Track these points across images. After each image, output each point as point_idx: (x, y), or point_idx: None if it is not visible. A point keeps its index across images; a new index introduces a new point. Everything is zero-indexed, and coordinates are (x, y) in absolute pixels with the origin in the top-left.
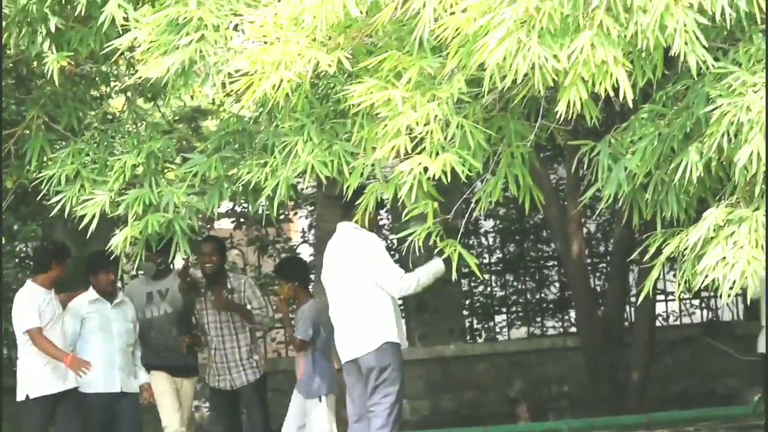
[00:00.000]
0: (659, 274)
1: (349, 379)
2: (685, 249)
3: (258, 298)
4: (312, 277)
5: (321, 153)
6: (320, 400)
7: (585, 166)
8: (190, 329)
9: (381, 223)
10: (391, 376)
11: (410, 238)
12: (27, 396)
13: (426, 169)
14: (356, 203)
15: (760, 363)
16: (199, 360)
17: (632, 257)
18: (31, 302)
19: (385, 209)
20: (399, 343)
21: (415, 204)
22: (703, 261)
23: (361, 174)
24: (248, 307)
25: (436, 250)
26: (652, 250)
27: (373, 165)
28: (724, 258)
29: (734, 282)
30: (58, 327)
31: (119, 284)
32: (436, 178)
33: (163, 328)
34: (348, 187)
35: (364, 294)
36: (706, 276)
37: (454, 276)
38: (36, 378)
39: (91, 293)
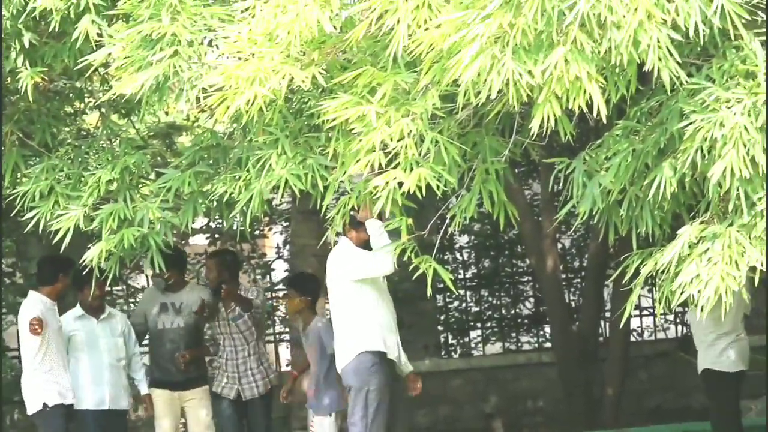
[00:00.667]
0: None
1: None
2: (662, 268)
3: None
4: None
5: (295, 167)
6: (330, 416)
7: (560, 183)
8: (200, 342)
9: None
10: (367, 395)
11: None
12: (45, 404)
13: (400, 185)
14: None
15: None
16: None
17: (609, 277)
18: (35, 306)
19: None
20: (380, 352)
21: (390, 220)
22: (678, 278)
23: (335, 189)
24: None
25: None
26: (630, 272)
27: (344, 179)
28: (698, 275)
29: (708, 298)
30: (60, 339)
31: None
32: (411, 193)
33: (173, 341)
34: (321, 201)
35: (344, 304)
36: (682, 293)
37: (429, 291)
38: (49, 388)
39: (76, 309)
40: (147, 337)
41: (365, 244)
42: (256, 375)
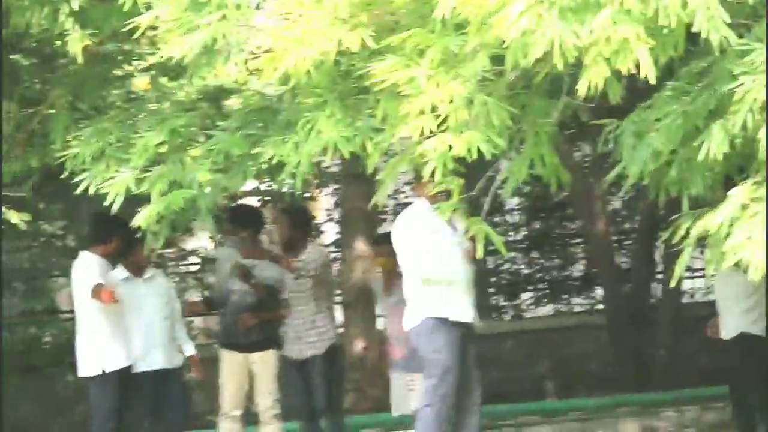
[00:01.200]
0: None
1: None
2: (713, 229)
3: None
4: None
5: (343, 129)
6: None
7: (609, 145)
8: (273, 305)
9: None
10: (430, 359)
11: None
12: (103, 370)
13: (450, 148)
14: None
15: None
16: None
17: (660, 238)
18: (93, 265)
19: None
20: (446, 318)
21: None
22: (729, 240)
23: (382, 150)
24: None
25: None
26: (681, 232)
27: (392, 141)
28: (750, 237)
29: (760, 260)
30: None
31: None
32: (461, 156)
33: (241, 303)
34: (369, 164)
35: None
36: (734, 254)
37: (479, 253)
38: (108, 352)
39: (120, 271)
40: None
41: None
42: (313, 335)
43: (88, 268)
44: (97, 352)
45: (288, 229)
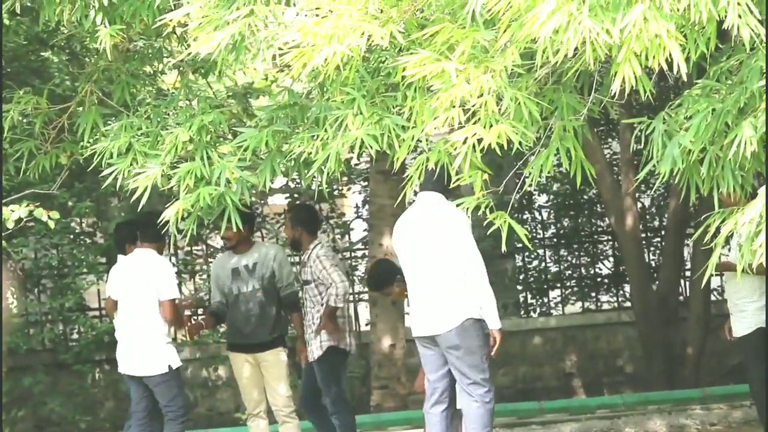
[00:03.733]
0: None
1: (427, 354)
2: (743, 226)
3: (322, 272)
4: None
5: (371, 126)
6: None
7: (640, 142)
8: (279, 304)
9: None
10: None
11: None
12: (170, 367)
13: (480, 140)
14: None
15: None
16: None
17: (691, 235)
18: (171, 273)
19: None
20: (480, 320)
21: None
22: (759, 237)
23: (410, 147)
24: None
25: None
26: (711, 231)
27: (421, 137)
28: None
29: None
30: None
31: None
32: (491, 148)
33: (249, 304)
34: (397, 160)
35: (446, 267)
36: (764, 252)
37: (503, 247)
38: (172, 350)
39: None
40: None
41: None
42: (314, 339)
43: (166, 274)
44: (165, 350)
45: (291, 228)
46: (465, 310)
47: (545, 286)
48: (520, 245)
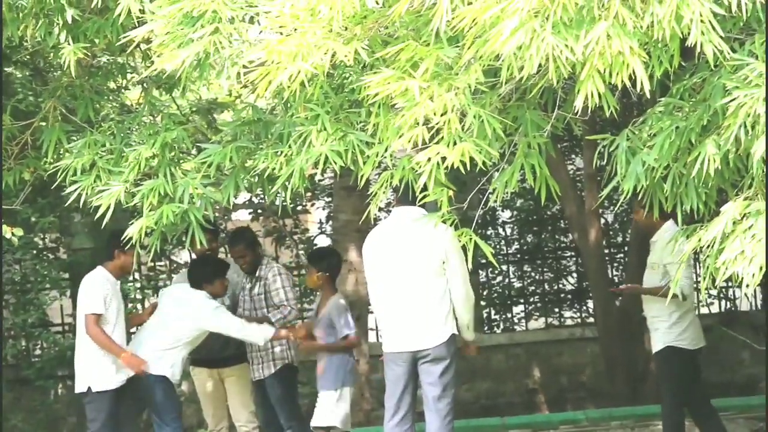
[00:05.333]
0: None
1: (397, 371)
2: (707, 244)
3: (278, 291)
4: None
5: (335, 143)
6: (335, 391)
7: (604, 159)
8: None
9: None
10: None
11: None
12: (89, 388)
13: (444, 159)
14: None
15: None
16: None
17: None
18: (100, 287)
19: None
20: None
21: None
22: (723, 255)
23: (374, 163)
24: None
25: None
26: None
27: (386, 154)
28: (743, 252)
29: (753, 275)
30: (122, 321)
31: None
32: (454, 167)
33: None
34: (361, 177)
35: (435, 282)
36: (727, 269)
37: (469, 264)
38: (98, 371)
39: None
40: None
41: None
42: (264, 356)
43: (85, 287)
44: (88, 369)
45: (252, 249)
46: (451, 324)
47: (509, 302)
48: (484, 261)
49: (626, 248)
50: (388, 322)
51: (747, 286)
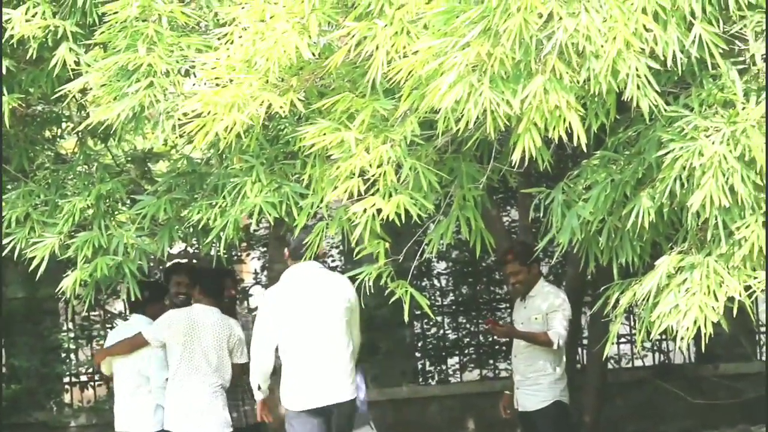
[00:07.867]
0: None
1: (306, 428)
2: (642, 298)
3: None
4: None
5: (270, 194)
6: None
7: (539, 211)
8: None
9: (333, 264)
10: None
11: (360, 278)
12: None
13: (379, 211)
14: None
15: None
16: None
17: (585, 304)
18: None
19: (337, 250)
20: None
21: (366, 245)
22: (657, 308)
23: (309, 214)
24: None
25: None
26: (611, 302)
27: (321, 205)
28: (677, 306)
29: (687, 329)
30: None
31: None
32: (390, 219)
33: None
34: (295, 227)
35: (345, 337)
36: (661, 323)
37: (405, 317)
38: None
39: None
40: None
41: None
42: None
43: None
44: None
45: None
46: (355, 378)
47: (443, 353)
48: (419, 312)
49: None
50: (296, 376)
51: (681, 339)
